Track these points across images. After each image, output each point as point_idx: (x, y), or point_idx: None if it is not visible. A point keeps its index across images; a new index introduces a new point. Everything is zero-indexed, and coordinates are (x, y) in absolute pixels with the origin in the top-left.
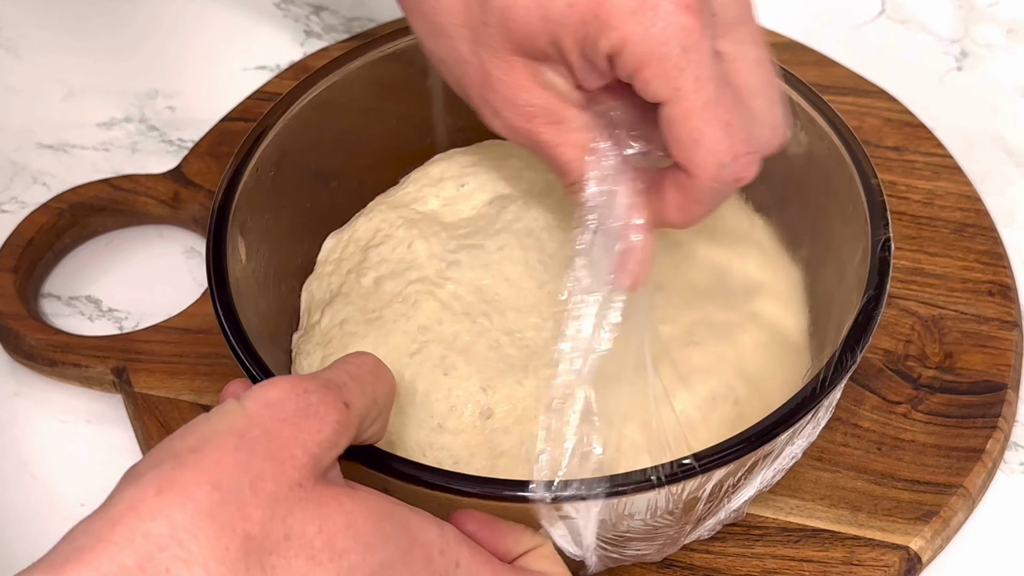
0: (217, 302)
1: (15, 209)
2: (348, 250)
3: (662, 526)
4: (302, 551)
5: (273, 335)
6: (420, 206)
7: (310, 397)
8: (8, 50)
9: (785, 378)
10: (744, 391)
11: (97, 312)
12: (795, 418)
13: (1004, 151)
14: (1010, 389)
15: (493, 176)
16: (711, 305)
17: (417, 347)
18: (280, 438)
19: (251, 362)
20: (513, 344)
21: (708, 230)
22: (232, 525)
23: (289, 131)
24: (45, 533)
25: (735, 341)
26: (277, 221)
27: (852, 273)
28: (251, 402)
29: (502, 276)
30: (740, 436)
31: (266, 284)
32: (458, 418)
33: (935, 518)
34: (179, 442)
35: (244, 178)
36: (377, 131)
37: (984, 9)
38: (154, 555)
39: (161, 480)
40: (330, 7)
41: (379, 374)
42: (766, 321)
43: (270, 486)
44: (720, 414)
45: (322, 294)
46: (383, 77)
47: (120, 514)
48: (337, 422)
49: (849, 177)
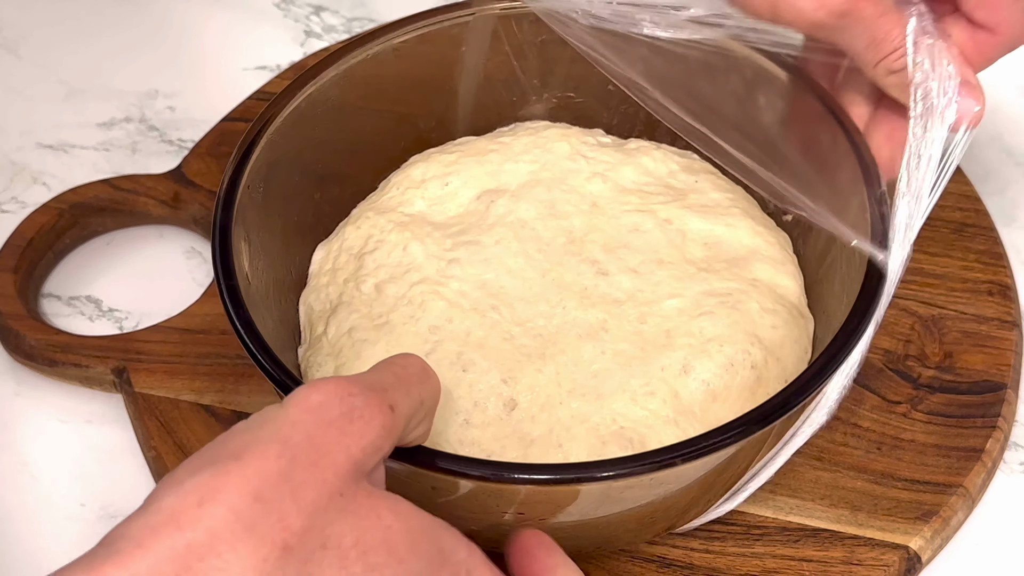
0: (234, 318)
1: (15, 209)
2: (341, 259)
3: None
4: (336, 561)
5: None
6: (407, 208)
7: (354, 400)
8: (8, 50)
9: (795, 339)
10: (759, 355)
11: (97, 312)
12: (842, 356)
13: (1004, 151)
14: (1010, 389)
15: (475, 172)
16: (712, 277)
17: (431, 347)
18: (323, 444)
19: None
20: (526, 334)
21: (693, 204)
22: (271, 536)
23: (270, 148)
24: (44, 533)
25: (743, 308)
26: (270, 236)
27: None
28: (293, 407)
29: (504, 269)
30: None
31: (267, 301)
32: (483, 412)
33: (935, 518)
34: (220, 449)
35: (239, 195)
36: (352, 141)
37: None
38: (192, 565)
39: (203, 490)
40: (330, 7)
41: (425, 376)
42: (766, 285)
43: (311, 495)
44: (740, 380)
45: (321, 306)
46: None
47: (161, 523)
48: (382, 426)
49: (833, 136)
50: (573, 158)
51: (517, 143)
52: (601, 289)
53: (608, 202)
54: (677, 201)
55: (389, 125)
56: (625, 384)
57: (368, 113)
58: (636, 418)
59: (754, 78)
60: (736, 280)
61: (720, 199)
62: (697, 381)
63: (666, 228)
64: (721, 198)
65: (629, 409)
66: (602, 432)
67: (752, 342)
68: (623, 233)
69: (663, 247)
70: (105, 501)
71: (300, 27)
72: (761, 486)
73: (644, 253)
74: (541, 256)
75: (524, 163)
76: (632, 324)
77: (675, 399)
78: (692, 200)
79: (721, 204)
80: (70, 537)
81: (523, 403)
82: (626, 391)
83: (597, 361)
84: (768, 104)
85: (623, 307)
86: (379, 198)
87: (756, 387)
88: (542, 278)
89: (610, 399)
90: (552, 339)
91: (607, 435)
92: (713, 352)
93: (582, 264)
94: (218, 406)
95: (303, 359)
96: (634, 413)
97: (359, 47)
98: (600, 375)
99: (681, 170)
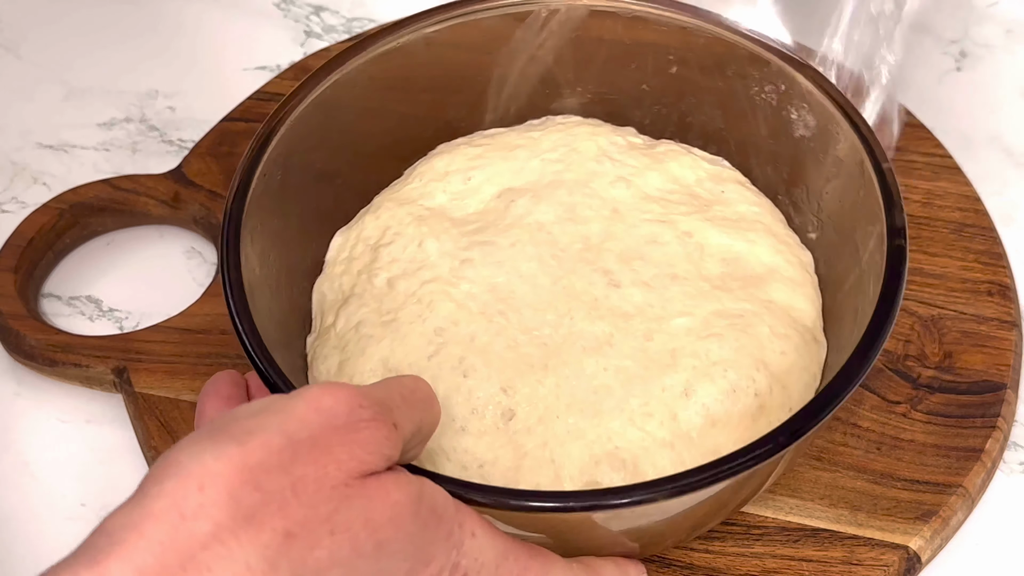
0: (237, 316)
1: (15, 209)
2: (357, 249)
3: None
4: (346, 544)
5: (287, 340)
6: (427, 201)
7: (363, 412)
8: (8, 50)
9: (804, 366)
10: (764, 382)
11: (97, 312)
12: (848, 388)
13: (1003, 151)
14: (1009, 389)
15: (500, 168)
16: (726, 296)
17: (434, 349)
18: (327, 446)
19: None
20: (531, 343)
21: (715, 217)
22: (271, 525)
23: (293, 133)
24: (45, 533)
25: (752, 332)
26: (285, 224)
27: (867, 258)
28: (303, 404)
29: (516, 273)
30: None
31: (278, 288)
32: (480, 420)
33: (934, 518)
34: (222, 431)
35: (253, 184)
36: (379, 127)
37: (984, 9)
38: (196, 554)
39: (204, 474)
40: (330, 7)
41: (429, 403)
42: (781, 307)
43: (311, 488)
44: (742, 407)
45: (334, 295)
46: (383, 73)
47: (162, 510)
48: (386, 438)
49: (860, 162)
50: (599, 159)
51: (546, 139)
52: (611, 301)
53: (629, 209)
54: (700, 212)
55: (417, 113)
56: (624, 403)
57: (395, 101)
58: (632, 439)
59: None
60: (750, 301)
61: (745, 212)
62: (697, 405)
63: (685, 241)
64: (746, 211)
65: (625, 429)
66: (596, 451)
67: (758, 368)
68: (640, 244)
69: (679, 261)
70: (105, 501)
71: (300, 27)
72: None
73: (659, 266)
74: (555, 262)
75: (550, 161)
76: (638, 340)
77: (673, 422)
78: (715, 212)
79: (745, 218)
80: (70, 537)
81: (521, 414)
82: (624, 411)
83: (599, 377)
84: None
85: (631, 321)
86: (402, 187)
87: (758, 415)
88: (553, 285)
89: (607, 417)
90: (556, 350)
91: (601, 454)
92: (716, 376)
93: (595, 273)
94: None
95: (311, 349)
96: (630, 434)
97: (389, 35)
98: (600, 392)
99: (708, 178)
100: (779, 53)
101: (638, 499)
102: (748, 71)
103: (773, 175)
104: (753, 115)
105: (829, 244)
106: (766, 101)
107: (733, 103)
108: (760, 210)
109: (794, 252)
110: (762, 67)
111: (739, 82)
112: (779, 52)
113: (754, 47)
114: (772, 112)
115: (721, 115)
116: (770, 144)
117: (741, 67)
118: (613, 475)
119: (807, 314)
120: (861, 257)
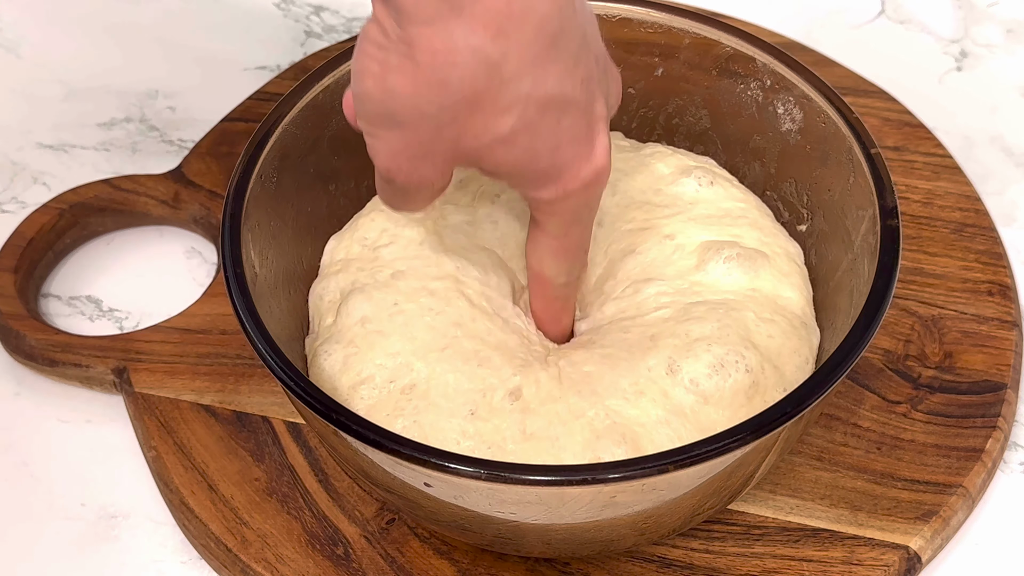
0: (241, 311)
1: (15, 209)
2: (354, 250)
3: None
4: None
5: (288, 343)
6: None
7: None
8: (8, 50)
9: (794, 348)
10: (755, 360)
11: (97, 312)
12: (836, 375)
13: (1004, 151)
14: (1010, 389)
15: None
16: (706, 289)
17: (447, 342)
18: None
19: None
20: (543, 343)
21: (702, 215)
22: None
23: (289, 135)
24: (45, 533)
25: (736, 316)
26: (282, 225)
27: (860, 242)
28: None
29: (520, 268)
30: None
31: (276, 289)
32: (489, 403)
33: (935, 518)
34: None
35: (251, 185)
36: None
37: (984, 9)
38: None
39: None
40: (330, 7)
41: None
42: (767, 296)
43: None
44: (733, 382)
45: (331, 296)
46: None
47: None
48: None
49: (848, 148)
50: None
51: None
52: (587, 315)
53: (613, 220)
54: (684, 213)
55: None
56: (616, 383)
57: None
58: (630, 416)
59: None
60: (733, 291)
61: (731, 208)
62: (685, 381)
63: (665, 244)
64: (732, 207)
65: (622, 407)
66: (596, 426)
67: (746, 346)
68: (619, 257)
69: (657, 266)
70: (105, 501)
71: (300, 27)
72: (761, 486)
73: (630, 278)
74: None
75: None
76: (616, 335)
77: (665, 399)
78: (699, 211)
79: (731, 214)
80: (70, 537)
81: (527, 395)
82: (618, 390)
83: (588, 363)
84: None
85: (607, 325)
86: None
87: (752, 393)
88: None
89: (605, 395)
90: (552, 345)
91: (601, 429)
92: (700, 352)
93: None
94: (218, 406)
95: (310, 349)
96: (628, 411)
97: None
98: (592, 376)
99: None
100: (764, 47)
101: (639, 471)
102: (733, 68)
103: (761, 172)
104: (739, 113)
105: (819, 234)
106: (752, 98)
107: (719, 102)
108: (746, 205)
109: (780, 244)
110: (747, 63)
111: (725, 80)
112: (764, 46)
113: (739, 43)
114: (758, 108)
115: (707, 115)
116: (757, 140)
117: (726, 64)
118: (615, 450)
119: (794, 302)
120: (853, 242)
